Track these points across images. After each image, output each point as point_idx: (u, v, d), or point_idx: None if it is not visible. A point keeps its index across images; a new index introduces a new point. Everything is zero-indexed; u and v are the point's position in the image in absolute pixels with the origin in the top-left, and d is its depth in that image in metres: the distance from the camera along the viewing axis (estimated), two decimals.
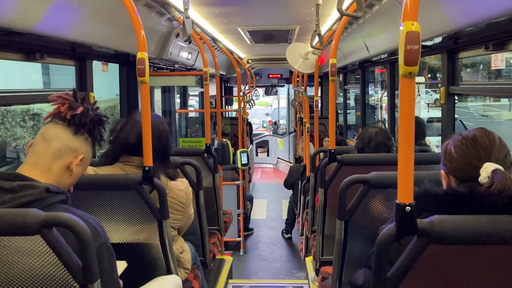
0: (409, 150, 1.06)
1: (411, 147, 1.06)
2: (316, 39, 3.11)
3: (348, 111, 7.71)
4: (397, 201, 1.07)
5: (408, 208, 1.06)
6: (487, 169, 1.22)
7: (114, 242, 1.92)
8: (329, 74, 2.52)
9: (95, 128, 1.43)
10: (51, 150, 1.35)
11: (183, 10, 2.73)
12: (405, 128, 1.05)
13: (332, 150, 2.55)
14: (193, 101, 9.38)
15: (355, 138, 2.93)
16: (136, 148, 2.00)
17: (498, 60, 2.51)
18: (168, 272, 2.04)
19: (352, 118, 7.96)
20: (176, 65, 5.03)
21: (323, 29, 4.29)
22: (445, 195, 1.23)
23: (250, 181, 8.20)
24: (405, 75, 1.02)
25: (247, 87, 8.00)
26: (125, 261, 1.68)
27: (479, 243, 1.08)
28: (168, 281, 1.94)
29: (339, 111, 8.13)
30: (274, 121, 13.24)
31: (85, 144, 1.41)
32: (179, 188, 2.15)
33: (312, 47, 3.35)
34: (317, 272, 2.76)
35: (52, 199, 1.27)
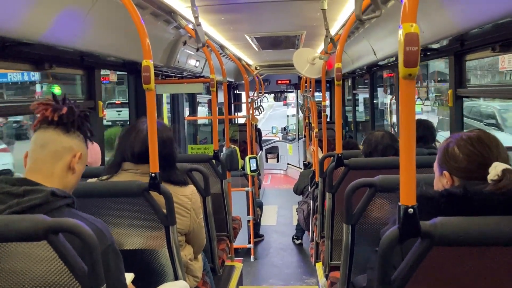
0: (411, 152, 1.05)
1: (412, 149, 1.05)
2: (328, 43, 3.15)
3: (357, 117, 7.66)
4: (399, 203, 1.07)
5: (410, 210, 1.06)
6: (497, 168, 1.21)
7: (121, 249, 1.93)
8: (335, 78, 2.52)
9: (83, 124, 1.46)
10: (49, 154, 1.37)
11: (189, 18, 2.76)
12: (406, 130, 1.05)
13: (339, 155, 2.55)
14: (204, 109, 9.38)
15: (361, 144, 2.93)
16: (140, 156, 2.01)
17: (506, 61, 2.49)
18: (176, 279, 2.04)
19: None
20: (185, 73, 5.06)
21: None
22: (439, 197, 1.23)
23: (260, 187, 8.18)
24: (405, 77, 1.02)
25: (255, 94, 8.01)
26: (132, 273, 1.68)
27: (484, 244, 1.07)
28: (175, 287, 1.95)
29: (348, 116, 8.09)
30: (283, 126, 13.20)
31: (78, 141, 1.44)
32: (184, 194, 2.14)
33: (326, 52, 3.39)
34: (326, 277, 2.75)
35: (58, 202, 1.29)
